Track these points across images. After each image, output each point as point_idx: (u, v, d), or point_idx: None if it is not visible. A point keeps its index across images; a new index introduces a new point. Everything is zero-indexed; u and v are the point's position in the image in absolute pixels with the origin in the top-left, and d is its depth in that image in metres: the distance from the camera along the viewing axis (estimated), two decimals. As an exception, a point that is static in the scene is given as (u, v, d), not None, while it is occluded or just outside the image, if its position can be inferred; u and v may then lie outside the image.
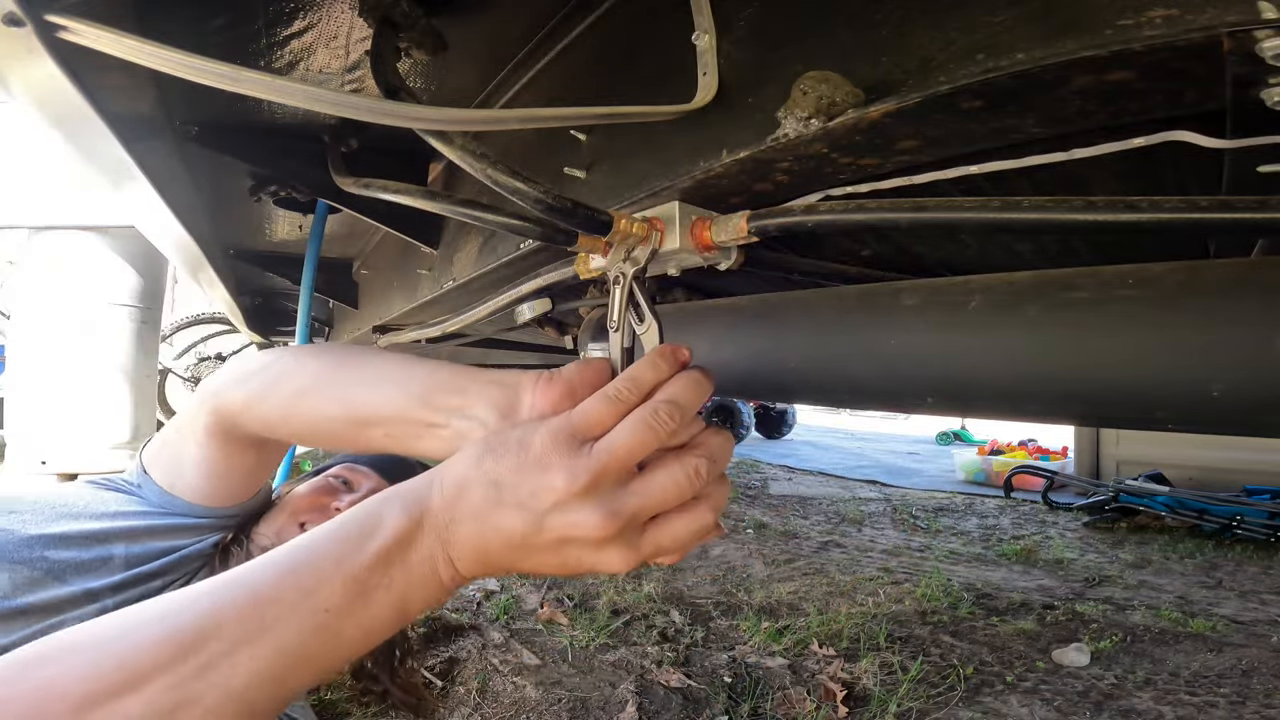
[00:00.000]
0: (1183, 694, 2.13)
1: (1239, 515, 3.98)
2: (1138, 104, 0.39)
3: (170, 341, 5.10)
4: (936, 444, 10.30)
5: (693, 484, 0.45)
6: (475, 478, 0.45)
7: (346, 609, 0.43)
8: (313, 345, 0.74)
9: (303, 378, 0.66)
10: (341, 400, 0.61)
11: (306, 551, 0.44)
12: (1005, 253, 0.98)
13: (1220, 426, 0.50)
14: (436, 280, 1.16)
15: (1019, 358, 0.54)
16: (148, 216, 1.06)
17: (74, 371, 3.14)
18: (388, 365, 0.61)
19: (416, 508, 0.45)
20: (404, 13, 0.58)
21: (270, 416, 0.69)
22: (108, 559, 0.79)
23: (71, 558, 0.76)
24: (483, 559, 0.45)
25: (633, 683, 2.05)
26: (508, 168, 0.48)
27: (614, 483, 0.44)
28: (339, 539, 0.45)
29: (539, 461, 0.44)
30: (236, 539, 0.93)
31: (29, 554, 0.74)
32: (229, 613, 0.41)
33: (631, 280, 0.54)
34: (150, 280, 3.39)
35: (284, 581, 0.43)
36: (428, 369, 0.59)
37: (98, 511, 0.82)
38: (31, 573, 0.73)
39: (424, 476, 0.48)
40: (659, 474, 0.45)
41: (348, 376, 0.62)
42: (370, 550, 0.43)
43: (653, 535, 0.46)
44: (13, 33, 0.41)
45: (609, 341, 0.56)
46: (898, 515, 4.87)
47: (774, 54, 0.49)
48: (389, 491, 0.47)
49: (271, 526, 0.94)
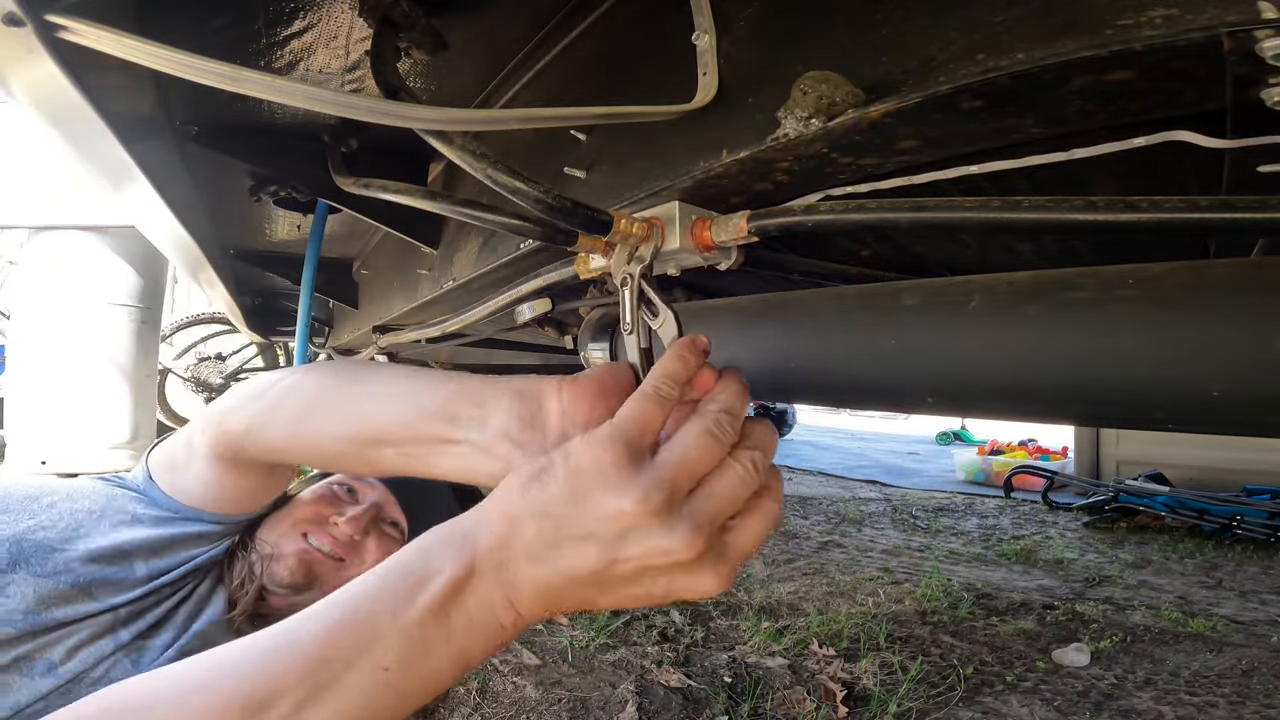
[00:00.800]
0: (1183, 694, 2.13)
1: (1239, 515, 3.98)
2: (1138, 104, 0.39)
3: (170, 341, 5.10)
4: (936, 444, 10.30)
5: (754, 478, 0.42)
6: (524, 510, 0.41)
7: (407, 664, 0.40)
8: (320, 363, 0.71)
9: (308, 396, 0.63)
10: (349, 418, 0.58)
11: (359, 605, 0.41)
12: (1005, 253, 0.98)
13: (1220, 426, 0.50)
14: (436, 280, 1.16)
15: (1019, 358, 0.54)
16: (148, 216, 1.06)
17: (74, 371, 3.15)
18: (397, 379, 0.58)
19: (466, 553, 0.41)
20: (404, 13, 0.58)
21: (275, 439, 0.67)
22: (130, 572, 0.79)
23: (99, 574, 0.76)
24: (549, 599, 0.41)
25: (633, 683, 2.05)
26: (508, 168, 0.47)
27: (684, 497, 0.40)
28: (390, 590, 0.41)
29: (598, 482, 0.39)
30: (242, 542, 0.93)
31: (56, 567, 0.74)
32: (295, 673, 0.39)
33: (640, 279, 0.54)
34: (150, 280, 3.39)
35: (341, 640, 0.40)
36: (439, 380, 0.55)
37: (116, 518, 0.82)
38: (58, 586, 0.73)
39: (469, 514, 0.44)
40: (721, 476, 0.41)
41: (355, 392, 0.59)
42: (423, 604, 0.40)
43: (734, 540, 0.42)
44: (13, 33, 0.41)
45: (625, 344, 0.54)
46: (898, 515, 4.87)
47: (774, 54, 0.49)
48: (436, 535, 0.43)
49: (273, 533, 0.94)
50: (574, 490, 0.39)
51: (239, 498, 0.86)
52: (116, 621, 0.77)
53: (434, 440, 0.52)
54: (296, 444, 0.65)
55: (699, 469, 0.40)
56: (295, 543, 0.92)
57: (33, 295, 3.23)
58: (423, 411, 0.53)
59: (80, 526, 0.78)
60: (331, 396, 0.61)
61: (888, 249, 0.99)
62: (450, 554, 0.41)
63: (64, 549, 0.75)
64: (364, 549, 0.96)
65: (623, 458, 0.39)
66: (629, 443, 0.40)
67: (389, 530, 1.00)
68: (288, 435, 0.65)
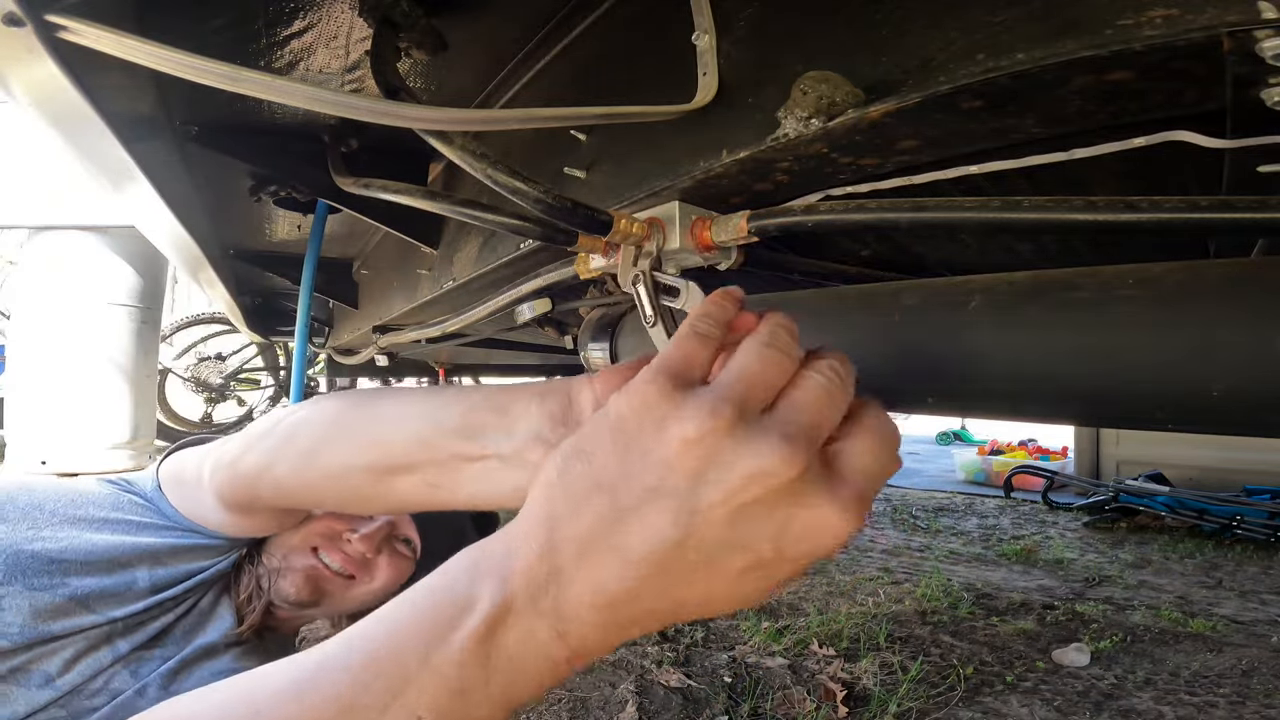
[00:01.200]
0: (1183, 694, 2.13)
1: (1239, 515, 3.98)
2: (1138, 104, 0.39)
3: (170, 341, 5.10)
4: (936, 444, 10.29)
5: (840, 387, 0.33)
6: (568, 496, 0.33)
7: (443, 712, 0.34)
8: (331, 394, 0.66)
9: (320, 427, 0.59)
10: (364, 444, 0.54)
11: (388, 640, 0.36)
12: (1005, 253, 0.98)
13: (1220, 426, 0.50)
14: (436, 280, 1.16)
15: (1019, 358, 0.54)
16: (148, 216, 1.06)
17: (74, 371, 3.15)
18: (413, 399, 0.54)
19: (498, 580, 0.34)
20: (404, 12, 0.58)
21: (287, 478, 0.62)
22: (131, 584, 0.77)
23: (96, 585, 0.73)
24: (612, 615, 0.32)
25: (633, 683, 2.05)
26: (508, 168, 0.47)
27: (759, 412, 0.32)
28: (422, 624, 0.35)
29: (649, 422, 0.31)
30: (249, 555, 0.91)
31: (50, 579, 0.71)
32: None
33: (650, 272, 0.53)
34: (150, 280, 3.39)
35: (371, 683, 0.34)
36: (459, 394, 0.52)
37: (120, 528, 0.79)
38: (54, 600, 0.70)
39: (504, 532, 0.37)
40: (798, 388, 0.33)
41: (369, 415, 0.55)
42: (457, 644, 0.33)
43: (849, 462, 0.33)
44: (13, 33, 0.41)
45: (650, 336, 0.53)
46: (898, 515, 4.87)
47: (774, 54, 0.49)
48: (468, 558, 0.37)
49: (283, 546, 0.91)
50: (625, 446, 0.32)
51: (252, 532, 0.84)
52: (115, 633, 0.75)
53: (457, 459, 0.48)
54: (310, 481, 0.60)
55: (767, 381, 0.33)
56: (305, 558, 0.90)
57: (33, 295, 3.23)
58: (441, 428, 0.49)
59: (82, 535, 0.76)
60: (345, 422, 0.57)
61: (888, 249, 0.99)
62: (483, 583, 0.34)
63: (62, 559, 0.73)
64: (375, 567, 0.94)
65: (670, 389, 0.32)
66: (675, 374, 0.33)
67: (401, 549, 0.98)
68: (300, 471, 0.60)
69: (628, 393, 0.33)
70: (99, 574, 0.75)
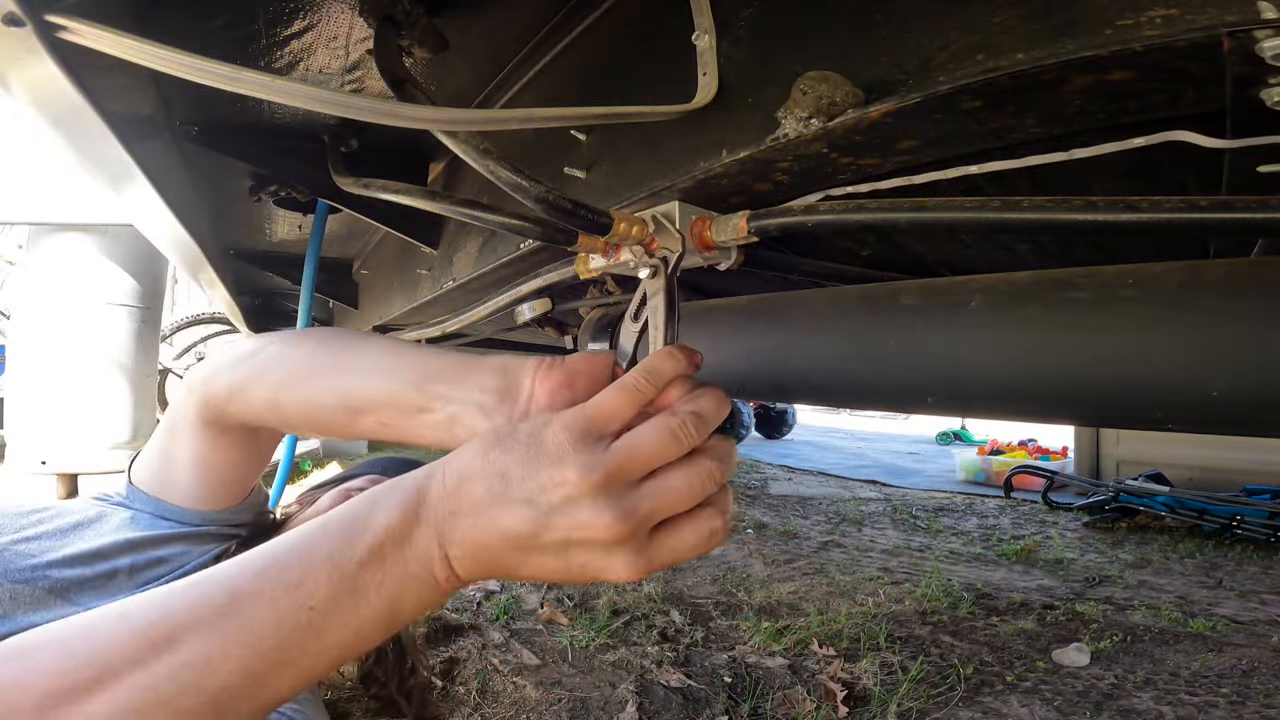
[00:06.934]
0: (1183, 694, 2.13)
1: (1239, 515, 3.98)
2: (1138, 104, 0.39)
3: (170, 341, 5.10)
4: (936, 444, 10.30)
5: (705, 488, 0.42)
6: (480, 469, 0.42)
7: (333, 607, 0.40)
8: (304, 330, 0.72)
9: (292, 364, 0.65)
10: (332, 389, 0.60)
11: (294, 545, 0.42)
12: (1005, 253, 0.98)
13: (1220, 426, 0.50)
14: (436, 280, 1.16)
15: (1019, 358, 0.54)
16: (148, 216, 1.06)
17: (74, 372, 3.14)
18: (381, 352, 0.59)
19: (414, 500, 0.43)
20: (405, 11, 0.58)
21: (258, 404, 0.67)
22: (113, 574, 0.76)
23: (75, 575, 0.73)
24: (481, 559, 0.43)
25: (633, 683, 2.05)
26: (510, 164, 0.48)
27: (627, 483, 0.41)
28: (330, 533, 0.42)
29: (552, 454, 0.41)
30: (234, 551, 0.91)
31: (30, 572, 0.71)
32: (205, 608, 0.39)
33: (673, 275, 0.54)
34: (150, 280, 3.39)
35: (267, 576, 0.40)
36: (423, 355, 0.57)
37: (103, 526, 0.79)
38: (33, 591, 0.70)
39: (426, 469, 0.45)
40: (672, 475, 0.42)
41: (339, 363, 0.61)
42: (363, 545, 0.41)
43: (662, 541, 0.43)
44: (13, 33, 0.41)
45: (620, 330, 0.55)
46: (898, 515, 4.87)
47: (774, 54, 0.49)
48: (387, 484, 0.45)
49: None
50: (529, 458, 0.41)
51: (221, 479, 0.83)
52: None
53: (411, 408, 0.54)
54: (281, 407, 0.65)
55: (649, 461, 0.41)
56: None
57: (33, 295, 3.23)
58: (403, 383, 0.55)
59: (65, 534, 0.77)
60: (317, 366, 0.62)
61: (888, 249, 0.99)
62: (398, 500, 0.43)
63: (43, 555, 0.73)
64: None
65: (578, 438, 0.41)
66: (591, 425, 0.42)
67: None
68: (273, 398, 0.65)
69: (557, 422, 0.42)
70: (80, 566, 0.74)
